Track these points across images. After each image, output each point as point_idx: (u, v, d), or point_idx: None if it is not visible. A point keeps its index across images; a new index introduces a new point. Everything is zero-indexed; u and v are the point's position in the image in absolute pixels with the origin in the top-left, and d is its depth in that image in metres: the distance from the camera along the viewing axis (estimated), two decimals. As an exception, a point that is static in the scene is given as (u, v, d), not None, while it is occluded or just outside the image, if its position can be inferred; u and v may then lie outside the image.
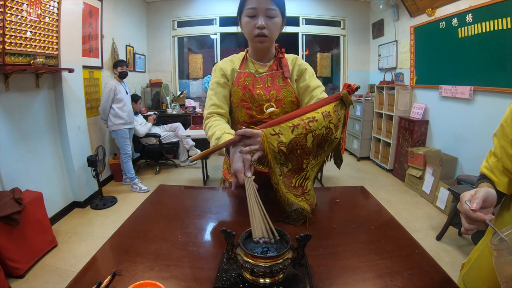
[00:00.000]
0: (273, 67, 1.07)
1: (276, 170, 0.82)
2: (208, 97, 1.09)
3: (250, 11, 0.94)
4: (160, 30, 4.99)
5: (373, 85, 4.70)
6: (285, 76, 1.05)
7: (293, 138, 0.80)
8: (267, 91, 1.03)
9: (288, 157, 0.83)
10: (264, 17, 0.94)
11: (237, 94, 1.05)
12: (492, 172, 0.71)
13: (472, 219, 0.57)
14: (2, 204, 1.77)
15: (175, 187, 1.52)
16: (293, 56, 1.11)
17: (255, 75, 1.05)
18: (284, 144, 0.79)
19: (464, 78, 2.88)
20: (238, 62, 1.09)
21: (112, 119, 3.21)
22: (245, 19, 0.97)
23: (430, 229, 2.45)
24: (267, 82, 1.05)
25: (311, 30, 5.05)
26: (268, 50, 1.06)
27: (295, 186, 0.86)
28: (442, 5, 3.13)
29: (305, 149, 0.83)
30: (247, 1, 0.95)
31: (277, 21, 0.97)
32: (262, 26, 0.94)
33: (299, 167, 0.86)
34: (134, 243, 0.79)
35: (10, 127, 2.17)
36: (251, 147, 0.77)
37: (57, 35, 2.48)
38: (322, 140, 0.86)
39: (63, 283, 1.76)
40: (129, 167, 3.38)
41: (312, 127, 0.81)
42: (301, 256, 0.61)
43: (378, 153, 4.30)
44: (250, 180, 0.73)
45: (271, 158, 0.79)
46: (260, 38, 0.97)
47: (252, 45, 1.04)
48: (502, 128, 0.70)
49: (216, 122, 0.98)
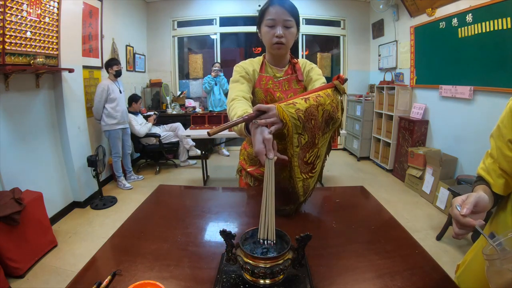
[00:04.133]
0: (288, 72, 1.17)
1: (294, 140, 0.84)
2: (231, 87, 1.09)
3: (269, 22, 1.04)
4: (160, 30, 4.99)
5: (373, 85, 4.70)
6: (299, 79, 1.15)
7: (308, 107, 0.84)
8: (286, 94, 1.13)
9: (305, 126, 0.85)
10: (282, 27, 1.04)
11: (259, 96, 1.13)
12: (488, 174, 0.71)
13: (462, 224, 0.57)
14: (2, 204, 1.77)
15: (175, 187, 1.52)
16: (304, 61, 1.21)
17: (274, 79, 1.14)
18: (302, 111, 0.83)
19: (464, 78, 2.88)
20: (258, 65, 1.17)
21: (105, 119, 3.20)
22: (264, 28, 1.07)
23: (430, 229, 2.45)
24: (285, 86, 1.15)
25: (311, 30, 5.05)
26: (284, 56, 1.16)
27: (307, 162, 0.90)
28: (442, 5, 3.13)
29: (317, 121, 0.87)
30: (267, 13, 1.05)
31: (293, 31, 1.07)
32: (280, 35, 1.04)
33: (313, 141, 0.89)
34: (134, 243, 0.79)
35: (10, 127, 2.17)
36: (267, 120, 0.77)
37: (57, 35, 2.48)
38: (329, 117, 0.91)
39: (63, 283, 1.76)
40: (118, 166, 3.42)
41: (321, 101, 0.88)
42: (301, 257, 0.61)
43: (378, 153, 4.30)
44: (271, 163, 0.69)
45: (290, 126, 0.80)
46: (278, 45, 1.06)
47: (271, 51, 1.13)
48: (498, 129, 0.70)
49: (239, 103, 0.98)
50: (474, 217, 0.57)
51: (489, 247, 0.53)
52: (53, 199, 2.53)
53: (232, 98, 1.03)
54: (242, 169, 1.27)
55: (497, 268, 0.51)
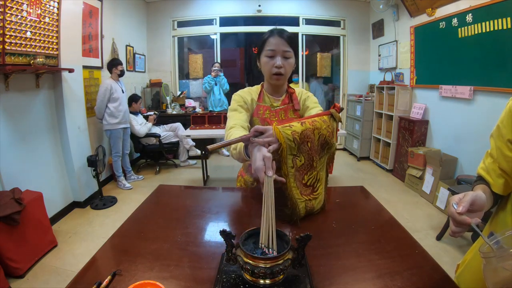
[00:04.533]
0: (285, 101, 1.20)
1: (288, 161, 0.86)
2: (230, 116, 1.12)
3: (269, 52, 1.07)
4: (160, 30, 4.99)
5: (373, 85, 4.70)
6: (295, 109, 1.18)
7: (304, 130, 0.87)
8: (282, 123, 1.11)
9: (300, 148, 0.87)
10: (281, 57, 1.07)
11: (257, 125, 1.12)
12: (488, 174, 0.71)
13: (458, 221, 0.57)
14: (2, 204, 1.77)
15: (175, 187, 1.52)
16: (300, 90, 1.25)
17: (271, 109, 1.17)
18: (297, 133, 0.85)
19: (464, 78, 2.88)
20: (256, 95, 1.19)
21: (107, 118, 3.21)
22: (264, 59, 1.10)
23: (430, 229, 2.45)
24: (281, 115, 1.17)
25: (311, 30, 5.05)
26: (282, 86, 1.19)
27: (306, 184, 0.91)
28: (442, 5, 3.12)
29: (313, 144, 0.89)
30: (267, 44, 1.08)
31: (292, 62, 1.11)
32: (280, 66, 1.07)
33: (310, 164, 0.91)
34: (134, 243, 0.79)
35: (10, 127, 2.17)
36: (264, 139, 0.81)
37: (57, 35, 2.48)
38: (324, 142, 0.93)
39: (63, 283, 1.76)
40: (118, 166, 3.42)
41: (317, 125, 0.90)
42: (301, 257, 0.61)
43: (378, 153, 4.30)
44: (270, 180, 0.70)
45: (285, 147, 0.83)
46: (277, 76, 1.09)
47: (270, 81, 1.15)
48: (498, 129, 0.70)
49: (237, 131, 1.00)
50: (471, 216, 0.57)
51: (486, 246, 0.54)
52: (53, 199, 2.53)
53: (230, 126, 1.06)
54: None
55: (493, 266, 0.51)
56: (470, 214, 0.58)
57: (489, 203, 0.69)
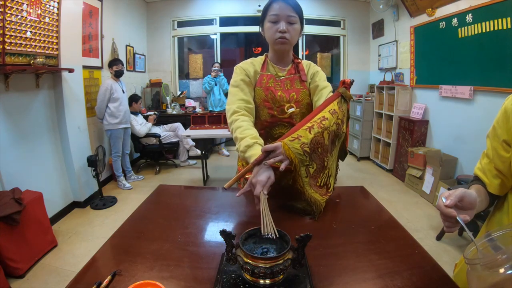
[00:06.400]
0: (291, 71, 1.14)
1: (302, 173, 0.88)
2: (232, 93, 1.10)
3: (272, 17, 1.03)
4: (160, 30, 4.99)
5: (373, 85, 4.70)
6: (302, 80, 1.13)
7: (313, 138, 0.87)
8: (287, 93, 1.11)
9: (311, 157, 0.88)
10: (285, 22, 1.02)
11: (260, 95, 1.11)
12: (484, 174, 0.71)
13: (445, 214, 0.57)
14: (2, 204, 1.77)
15: (175, 187, 1.52)
16: (308, 62, 1.19)
17: (276, 78, 1.12)
18: (306, 144, 0.86)
19: (464, 78, 2.88)
20: (259, 65, 1.14)
21: (108, 118, 3.21)
22: (268, 24, 1.05)
23: (430, 229, 2.45)
24: (287, 85, 1.12)
25: (311, 30, 5.05)
26: (287, 54, 1.13)
27: (320, 185, 0.95)
28: (442, 5, 3.12)
29: (324, 147, 0.91)
30: (270, 8, 1.03)
31: (297, 27, 1.06)
32: (284, 30, 1.02)
33: (322, 165, 0.93)
34: (134, 243, 0.79)
35: (10, 127, 2.17)
36: (275, 159, 0.82)
37: (57, 35, 2.48)
38: (334, 136, 0.95)
39: (63, 283, 1.76)
40: (118, 166, 3.42)
41: (326, 124, 0.90)
42: (301, 257, 0.61)
43: (378, 153, 4.30)
44: (265, 198, 0.76)
45: (297, 162, 0.85)
46: (281, 40, 1.04)
47: (274, 47, 1.10)
48: (494, 129, 0.70)
49: (245, 124, 0.99)
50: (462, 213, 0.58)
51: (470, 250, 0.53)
52: (53, 199, 2.53)
53: (234, 111, 1.03)
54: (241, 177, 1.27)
55: (478, 273, 0.50)
56: (461, 212, 0.58)
57: (484, 204, 0.69)
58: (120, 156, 3.41)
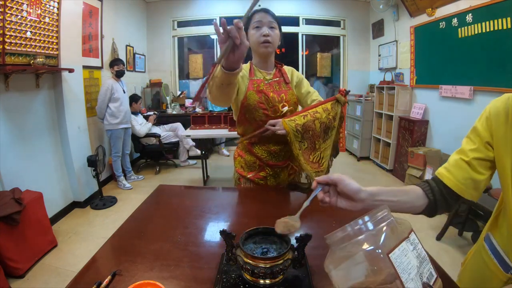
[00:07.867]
0: (276, 75, 1.28)
1: (295, 144, 1.14)
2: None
3: (256, 24, 1.16)
4: (160, 30, 4.99)
5: (373, 85, 4.70)
6: (286, 82, 1.28)
7: (305, 122, 1.14)
8: (278, 94, 1.24)
9: (303, 136, 1.14)
10: (268, 27, 1.15)
11: (254, 98, 1.20)
12: (448, 170, 0.67)
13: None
14: (2, 204, 1.77)
15: (175, 187, 1.52)
16: (290, 68, 1.35)
17: (265, 82, 1.24)
18: (300, 125, 1.13)
19: (464, 78, 2.88)
20: (246, 71, 1.24)
21: (108, 118, 3.21)
22: (251, 31, 1.17)
23: (430, 229, 2.45)
24: (276, 87, 1.25)
25: (311, 30, 5.05)
26: (270, 58, 1.25)
27: (313, 161, 1.18)
28: (442, 5, 3.12)
29: (315, 131, 1.16)
30: (253, 18, 1.17)
31: (277, 33, 1.20)
32: (267, 34, 1.15)
33: (313, 146, 1.18)
34: (134, 243, 0.79)
35: (10, 127, 2.17)
36: (276, 127, 1.12)
37: (57, 35, 2.48)
38: (326, 127, 1.19)
39: (63, 283, 1.76)
40: (118, 166, 3.42)
41: (317, 116, 1.16)
42: (301, 257, 0.61)
43: (378, 153, 4.30)
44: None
45: (291, 134, 1.12)
46: (265, 44, 1.16)
47: (259, 51, 1.20)
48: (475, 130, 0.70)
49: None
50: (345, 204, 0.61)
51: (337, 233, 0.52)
52: (53, 199, 2.53)
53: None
54: (240, 177, 1.32)
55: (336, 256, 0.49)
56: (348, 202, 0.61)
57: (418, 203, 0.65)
58: (120, 156, 3.41)
